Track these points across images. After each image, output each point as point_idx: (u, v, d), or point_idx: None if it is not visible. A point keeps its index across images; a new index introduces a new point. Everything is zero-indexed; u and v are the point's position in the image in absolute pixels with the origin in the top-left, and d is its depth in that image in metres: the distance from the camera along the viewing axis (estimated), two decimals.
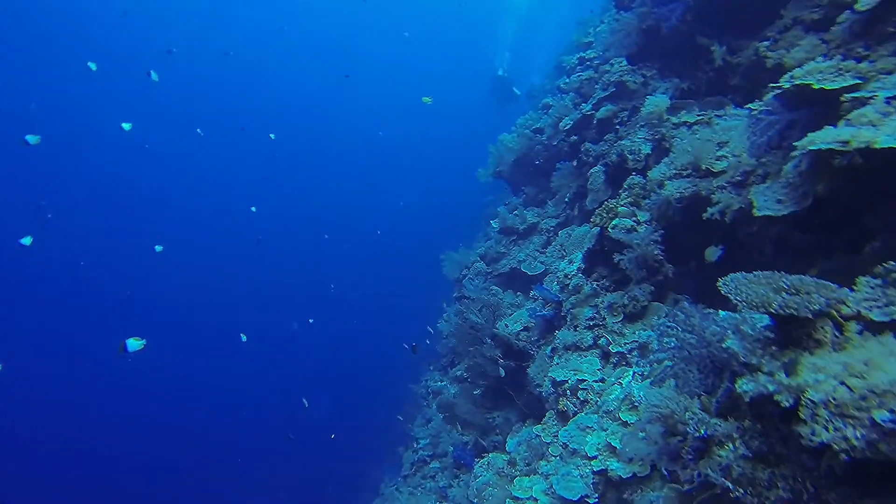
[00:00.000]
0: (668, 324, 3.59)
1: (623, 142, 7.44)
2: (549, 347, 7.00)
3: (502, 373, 7.53)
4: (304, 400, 14.60)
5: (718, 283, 3.88)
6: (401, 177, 38.13)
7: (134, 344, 6.20)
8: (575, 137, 9.43)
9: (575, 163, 9.78)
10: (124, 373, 26.43)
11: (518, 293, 10.54)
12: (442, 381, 12.29)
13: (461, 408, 7.96)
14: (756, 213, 4.39)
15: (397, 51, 43.39)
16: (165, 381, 26.35)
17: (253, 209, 24.27)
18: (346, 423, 21.55)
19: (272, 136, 23.28)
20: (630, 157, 6.96)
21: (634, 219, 6.20)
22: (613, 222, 6.24)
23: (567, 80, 12.15)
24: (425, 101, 12.61)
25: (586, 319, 6.41)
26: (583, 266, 6.87)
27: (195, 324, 30.04)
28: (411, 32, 41.77)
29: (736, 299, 3.11)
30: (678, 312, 3.53)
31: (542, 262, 10.33)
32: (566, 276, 6.94)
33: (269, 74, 43.71)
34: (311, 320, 21.87)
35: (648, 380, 5.08)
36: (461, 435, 8.57)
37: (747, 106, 5.09)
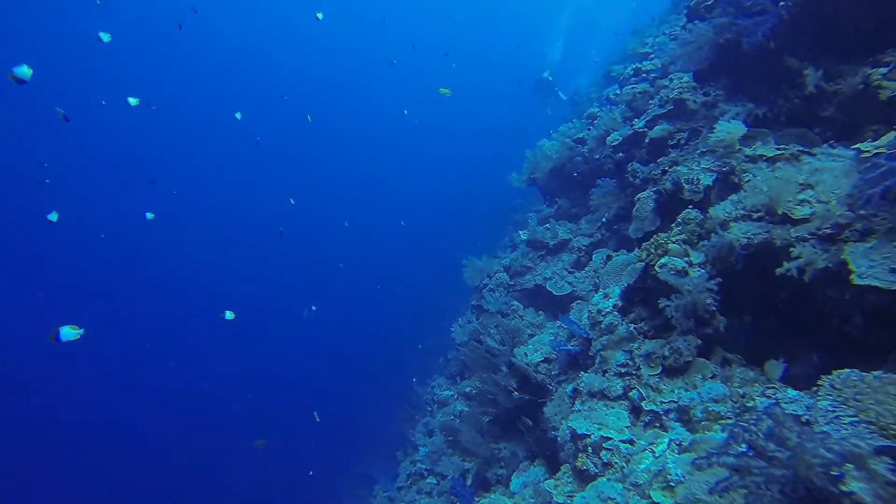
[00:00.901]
0: (748, 427, 2.70)
1: (680, 168, 6.51)
2: (571, 386, 6.15)
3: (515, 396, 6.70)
4: (315, 414, 13.94)
5: (822, 381, 3.00)
6: (432, 168, 37.05)
7: (68, 332, 5.35)
8: (621, 155, 8.50)
9: (615, 181, 8.86)
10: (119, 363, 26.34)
11: (540, 312, 9.70)
12: (449, 391, 11.52)
13: (466, 435, 7.14)
14: (855, 280, 3.48)
15: (444, 41, 42.32)
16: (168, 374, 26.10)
17: (292, 201, 23.72)
18: (348, 418, 20.98)
19: (308, 117, 22.46)
20: (687, 186, 6.02)
21: (687, 259, 5.28)
22: (662, 260, 5.33)
23: (618, 92, 11.19)
24: (443, 92, 11.72)
25: (618, 365, 5.53)
26: (620, 303, 5.97)
27: (206, 314, 29.71)
28: (459, 21, 40.54)
29: (850, 414, 2.23)
30: (765, 416, 2.65)
31: (569, 283, 9.45)
32: (599, 311, 6.05)
33: (307, 63, 42.93)
34: (313, 307, 21.31)
35: (689, 455, 4.21)
36: (462, 461, 7.77)
37: (856, 146, 4.12)
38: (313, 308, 21.32)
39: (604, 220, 9.12)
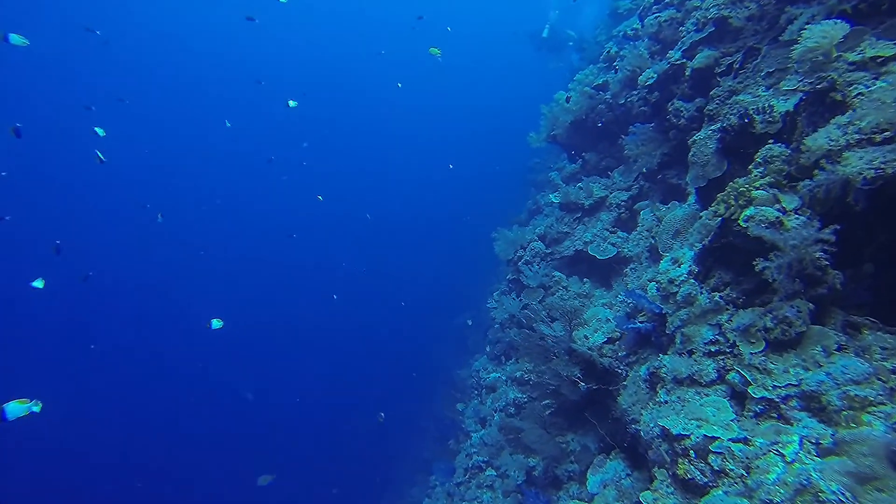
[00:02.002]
0: None
1: (742, 97, 5.31)
2: (645, 368, 5.12)
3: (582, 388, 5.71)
4: (381, 415, 13.24)
5: None
6: (436, 143, 35.59)
7: (14, 409, 4.54)
8: (657, 94, 7.25)
9: (653, 125, 7.65)
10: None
11: (585, 280, 8.64)
12: (496, 373, 10.59)
13: (529, 435, 6.20)
14: None
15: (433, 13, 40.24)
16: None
17: (320, 198, 22.70)
18: (394, 405, 20.33)
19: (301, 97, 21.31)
20: (759, 117, 4.84)
21: (779, 207, 4.15)
22: (747, 212, 4.22)
23: (637, 25, 9.85)
24: (433, 52, 10.46)
25: (705, 343, 4.47)
26: (695, 269, 4.87)
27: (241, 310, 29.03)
28: None
29: None
30: None
31: (613, 245, 8.34)
32: (671, 280, 4.97)
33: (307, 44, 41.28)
34: (335, 296, 20.62)
35: (841, 461, 3.17)
36: (527, 458, 6.86)
37: None
38: (335, 297, 20.61)
39: (643, 170, 7.92)
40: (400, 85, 27.98)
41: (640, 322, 5.34)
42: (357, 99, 41.14)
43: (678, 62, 6.72)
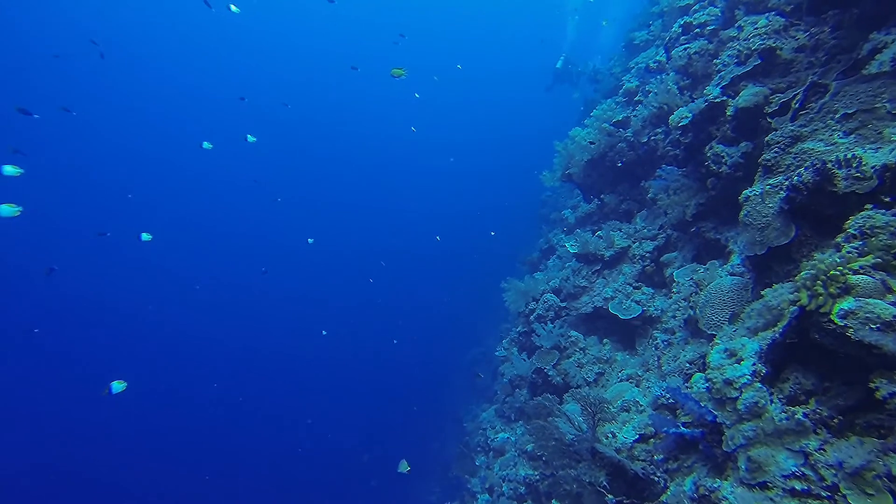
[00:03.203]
0: None
1: (811, 144, 4.11)
2: (691, 482, 3.84)
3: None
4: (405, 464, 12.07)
5: None
6: (450, 179, 34.54)
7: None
8: (691, 136, 6.06)
9: (684, 170, 6.45)
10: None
11: (605, 340, 7.37)
12: (504, 433, 9.29)
13: None
14: None
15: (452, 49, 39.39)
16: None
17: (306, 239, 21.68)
18: (393, 448, 18.98)
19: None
20: (841, 172, 3.62)
21: (894, 300, 2.92)
22: (844, 304, 2.98)
23: (661, 58, 8.73)
24: (396, 73, 9.47)
25: (785, 477, 3.20)
26: (763, 370, 3.61)
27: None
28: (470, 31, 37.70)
29: None
30: None
31: (637, 302, 7.09)
32: (729, 381, 3.70)
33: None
34: (323, 332, 19.55)
35: None
36: None
37: None
38: (324, 332, 19.56)
39: (673, 221, 6.69)
40: (414, 129, 27.08)
41: (684, 427, 4.06)
42: (367, 130, 40.45)
43: (717, 100, 5.54)
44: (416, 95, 31.52)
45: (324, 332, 19.36)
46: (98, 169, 32.33)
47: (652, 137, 7.98)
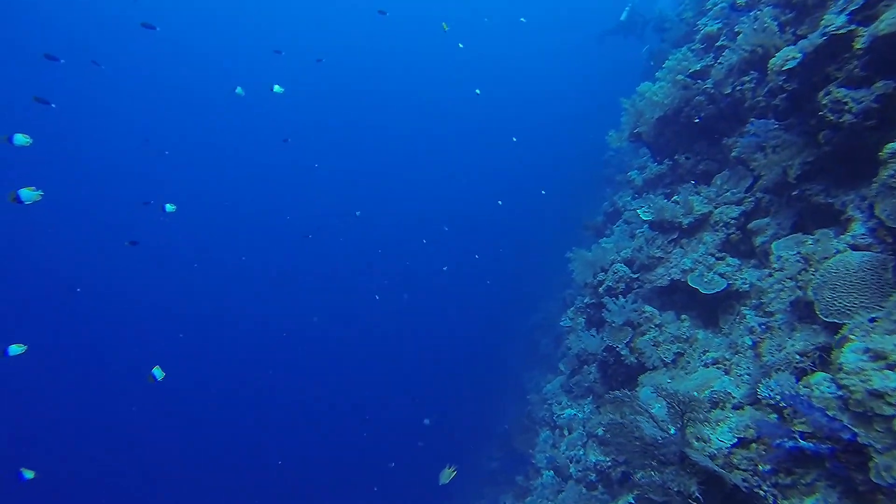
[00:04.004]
0: None
1: None
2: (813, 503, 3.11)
3: None
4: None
5: None
6: (505, 139, 32.80)
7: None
8: (796, 82, 4.95)
9: (784, 123, 5.37)
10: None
11: (683, 316, 6.53)
12: (570, 409, 8.69)
13: None
14: None
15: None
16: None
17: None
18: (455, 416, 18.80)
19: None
20: None
21: None
22: None
23: None
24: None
25: None
26: None
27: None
28: None
29: None
30: None
31: (721, 275, 6.18)
32: (876, 393, 2.88)
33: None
34: (376, 297, 19.07)
35: None
36: None
37: None
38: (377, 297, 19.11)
39: (769, 184, 5.66)
40: (478, 91, 25.49)
41: (803, 439, 3.28)
42: (419, 95, 39.06)
43: (841, 31, 4.42)
44: (460, 45, 29.99)
45: (376, 297, 19.07)
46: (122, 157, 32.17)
47: (738, 87, 6.82)
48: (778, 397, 3.60)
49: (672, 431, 3.97)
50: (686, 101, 7.72)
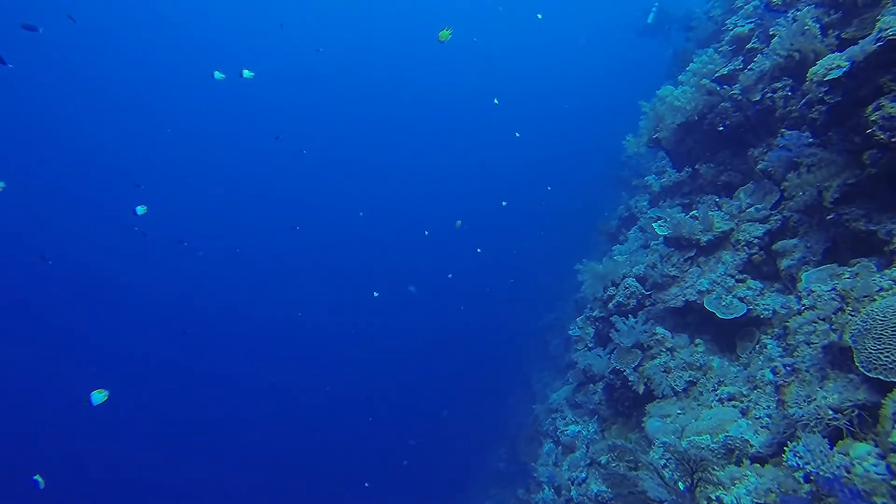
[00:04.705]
0: None
1: None
2: None
3: None
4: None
5: None
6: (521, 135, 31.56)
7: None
8: (841, 93, 4.31)
9: (822, 139, 4.73)
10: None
11: (697, 340, 5.96)
12: (575, 426, 8.17)
13: None
14: None
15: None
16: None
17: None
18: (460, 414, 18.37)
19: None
20: None
21: None
22: None
23: None
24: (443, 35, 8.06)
25: None
26: None
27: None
28: None
29: None
30: None
31: (741, 299, 5.58)
32: None
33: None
34: (375, 293, 18.55)
35: None
36: None
37: None
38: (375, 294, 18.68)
39: (800, 206, 5.02)
40: (497, 101, 24.62)
41: None
42: (427, 92, 37.97)
43: (891, 35, 3.76)
44: (475, 40, 28.97)
45: (375, 292, 18.56)
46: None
47: (769, 95, 6.15)
48: (809, 469, 3.04)
49: (681, 488, 3.43)
50: (710, 108, 7.05)
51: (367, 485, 15.86)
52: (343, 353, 24.73)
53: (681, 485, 3.37)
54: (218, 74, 8.22)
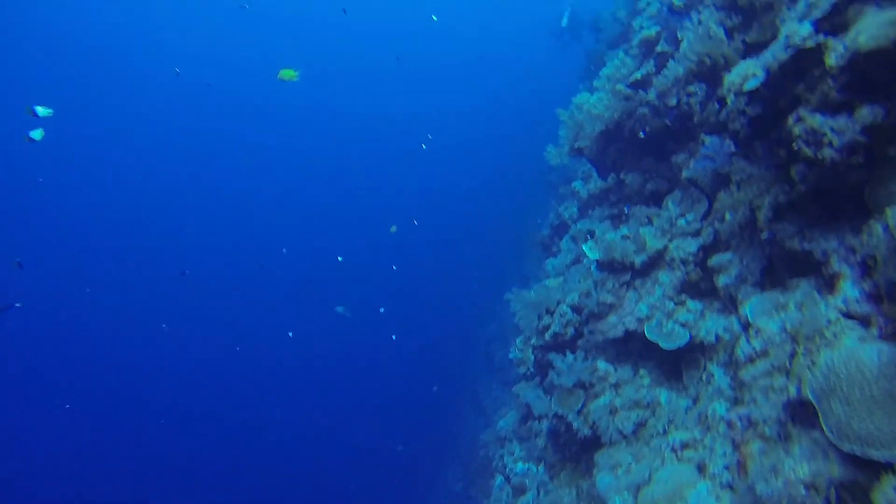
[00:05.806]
0: None
1: None
2: None
3: None
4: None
5: None
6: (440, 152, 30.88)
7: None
8: (760, 106, 3.85)
9: (741, 150, 4.29)
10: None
11: (641, 372, 5.45)
12: (523, 463, 7.55)
13: None
14: None
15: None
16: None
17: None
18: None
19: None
20: None
21: None
22: None
23: None
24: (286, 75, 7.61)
25: None
26: None
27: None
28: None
29: None
30: None
31: (682, 324, 5.10)
32: None
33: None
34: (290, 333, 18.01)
35: None
36: None
37: None
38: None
39: (734, 227, 4.58)
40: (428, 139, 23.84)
41: None
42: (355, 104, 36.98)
43: (807, 43, 3.31)
44: (434, 17, 27.39)
45: (338, 309, 17.54)
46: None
47: (684, 100, 5.75)
48: None
49: None
50: (628, 114, 6.61)
51: None
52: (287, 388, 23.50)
53: None
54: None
